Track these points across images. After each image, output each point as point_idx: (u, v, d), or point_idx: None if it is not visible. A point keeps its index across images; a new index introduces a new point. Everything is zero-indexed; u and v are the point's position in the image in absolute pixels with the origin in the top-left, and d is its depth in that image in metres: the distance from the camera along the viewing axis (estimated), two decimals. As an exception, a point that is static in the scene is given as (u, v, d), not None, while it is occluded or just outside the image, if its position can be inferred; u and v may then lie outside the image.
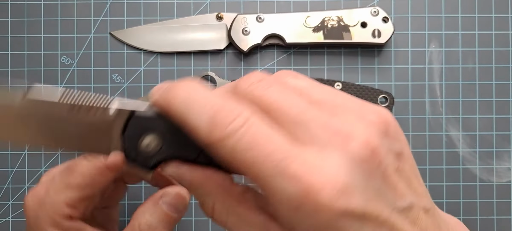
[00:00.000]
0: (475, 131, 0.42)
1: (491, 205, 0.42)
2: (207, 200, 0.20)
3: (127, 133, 0.21)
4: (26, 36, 0.42)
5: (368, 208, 0.16)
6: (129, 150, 0.21)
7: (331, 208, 0.16)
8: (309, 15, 0.41)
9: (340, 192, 0.16)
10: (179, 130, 0.19)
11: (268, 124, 0.17)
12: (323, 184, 0.16)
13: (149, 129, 0.21)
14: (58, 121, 0.22)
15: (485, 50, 0.42)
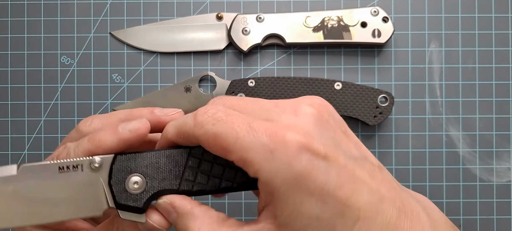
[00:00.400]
0: (475, 131, 0.42)
1: (491, 205, 0.42)
2: (192, 225, 0.23)
3: (113, 179, 0.23)
4: (26, 36, 0.42)
5: (327, 150, 0.21)
6: (119, 194, 0.23)
7: (298, 141, 0.20)
8: (309, 15, 0.41)
9: (301, 133, 0.21)
10: (158, 164, 0.23)
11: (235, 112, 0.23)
12: (287, 127, 0.21)
13: (132, 169, 0.23)
14: (50, 188, 0.23)
15: (485, 50, 0.42)
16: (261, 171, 0.21)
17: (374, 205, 0.21)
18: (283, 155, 0.20)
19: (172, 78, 0.42)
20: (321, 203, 0.21)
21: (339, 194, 0.21)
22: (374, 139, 0.42)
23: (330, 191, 0.21)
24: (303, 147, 0.21)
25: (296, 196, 0.21)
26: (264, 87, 0.40)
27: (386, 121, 0.42)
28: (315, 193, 0.21)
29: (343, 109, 0.40)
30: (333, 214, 0.21)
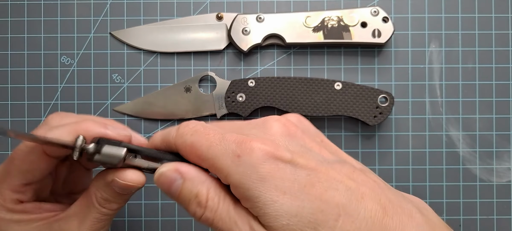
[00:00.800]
0: (475, 131, 0.42)
1: (491, 205, 0.42)
2: (201, 187, 0.24)
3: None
4: (26, 36, 0.42)
5: (294, 156, 0.23)
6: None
7: (263, 149, 0.23)
8: (309, 15, 0.41)
9: (266, 143, 0.23)
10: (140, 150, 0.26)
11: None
12: (254, 138, 0.23)
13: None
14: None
15: (485, 50, 0.42)
16: (230, 175, 0.23)
17: (354, 202, 0.22)
18: (249, 159, 0.23)
19: (172, 78, 0.42)
20: (295, 201, 0.22)
21: (312, 191, 0.22)
22: (374, 139, 0.42)
23: (300, 189, 0.22)
24: (268, 153, 0.23)
25: (268, 195, 0.22)
26: (264, 87, 0.40)
27: (386, 121, 0.42)
28: (286, 192, 0.22)
29: (343, 109, 0.40)
30: (312, 210, 0.22)
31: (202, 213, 0.24)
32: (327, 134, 0.42)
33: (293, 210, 0.22)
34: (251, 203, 0.23)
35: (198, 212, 0.24)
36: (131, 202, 0.41)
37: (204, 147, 0.24)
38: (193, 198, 0.24)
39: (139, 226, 0.41)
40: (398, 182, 0.42)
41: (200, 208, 0.24)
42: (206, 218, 0.24)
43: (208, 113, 0.41)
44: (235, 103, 0.40)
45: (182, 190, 0.24)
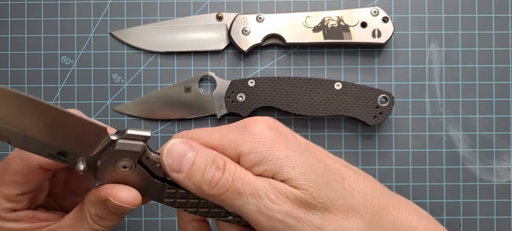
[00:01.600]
0: (475, 131, 0.42)
1: (491, 205, 0.42)
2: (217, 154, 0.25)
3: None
4: (26, 36, 0.42)
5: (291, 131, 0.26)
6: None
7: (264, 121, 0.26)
8: (309, 15, 0.41)
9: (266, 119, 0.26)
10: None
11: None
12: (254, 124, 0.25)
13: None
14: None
15: (485, 50, 0.42)
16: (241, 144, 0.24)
17: (351, 171, 0.25)
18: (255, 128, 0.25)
19: (172, 78, 0.42)
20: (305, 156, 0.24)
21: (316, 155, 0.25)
22: (374, 139, 0.42)
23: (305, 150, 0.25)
24: (269, 124, 0.26)
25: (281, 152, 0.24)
26: (264, 87, 0.40)
27: (386, 121, 0.42)
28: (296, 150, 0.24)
29: (343, 109, 0.40)
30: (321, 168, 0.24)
31: (220, 176, 0.23)
32: (327, 134, 0.42)
33: (306, 162, 0.24)
34: (266, 163, 0.23)
35: (216, 176, 0.23)
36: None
37: (206, 134, 0.25)
38: (210, 164, 0.24)
39: (139, 226, 0.41)
40: (398, 182, 0.42)
41: (219, 171, 0.23)
42: (225, 181, 0.23)
43: (208, 113, 0.41)
44: (235, 103, 0.40)
45: (196, 160, 0.24)
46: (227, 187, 0.23)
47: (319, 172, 0.23)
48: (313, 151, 0.25)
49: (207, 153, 0.24)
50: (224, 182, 0.23)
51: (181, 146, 0.24)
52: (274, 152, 0.23)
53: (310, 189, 0.23)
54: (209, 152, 0.24)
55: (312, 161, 0.24)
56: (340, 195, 0.23)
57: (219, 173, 0.23)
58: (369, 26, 0.41)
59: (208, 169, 0.24)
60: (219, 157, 0.24)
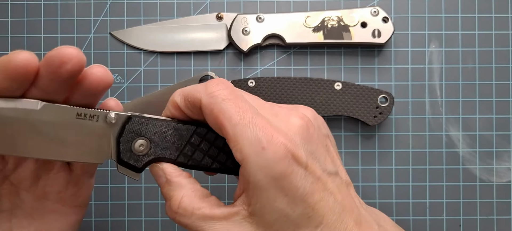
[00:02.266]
0: (475, 131, 0.42)
1: (491, 205, 0.42)
2: (177, 193, 0.25)
3: (123, 137, 0.25)
4: (26, 36, 0.42)
5: (308, 161, 0.24)
6: (124, 152, 0.25)
7: (286, 146, 0.23)
8: (309, 15, 0.41)
9: (290, 141, 0.24)
10: (165, 133, 0.26)
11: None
12: (280, 132, 0.24)
13: (142, 133, 0.25)
14: (66, 128, 0.24)
15: (485, 50, 0.42)
16: (248, 162, 0.23)
17: (336, 214, 0.24)
18: (271, 154, 0.23)
19: (172, 78, 0.42)
20: (292, 204, 0.24)
21: (309, 200, 0.24)
22: (374, 139, 0.42)
23: (302, 195, 0.24)
24: (289, 151, 0.23)
25: (272, 192, 0.23)
26: (264, 88, 0.40)
27: (386, 121, 0.42)
28: (289, 194, 0.23)
29: (343, 109, 0.40)
30: (301, 215, 0.24)
31: (173, 217, 0.25)
32: (327, 134, 0.42)
33: (286, 211, 0.24)
34: (252, 191, 0.24)
35: (169, 214, 0.26)
36: (131, 202, 0.41)
37: (233, 120, 0.24)
38: (167, 200, 0.26)
39: (139, 226, 0.41)
40: (398, 182, 0.42)
41: (173, 209, 0.25)
42: (178, 221, 0.25)
43: (208, 113, 0.41)
44: (235, 103, 0.40)
45: (163, 188, 0.26)
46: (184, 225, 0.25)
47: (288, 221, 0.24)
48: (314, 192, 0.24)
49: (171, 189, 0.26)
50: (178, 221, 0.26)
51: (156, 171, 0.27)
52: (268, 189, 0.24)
53: None
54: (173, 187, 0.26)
55: (294, 208, 0.24)
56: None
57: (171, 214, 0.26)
58: (369, 26, 0.41)
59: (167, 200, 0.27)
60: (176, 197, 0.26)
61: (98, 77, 0.24)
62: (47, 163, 0.28)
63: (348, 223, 0.25)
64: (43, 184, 0.28)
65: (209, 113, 0.24)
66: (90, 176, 0.30)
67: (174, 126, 0.26)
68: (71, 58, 0.22)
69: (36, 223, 0.28)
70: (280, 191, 0.23)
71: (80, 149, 0.25)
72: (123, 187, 0.41)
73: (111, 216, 0.41)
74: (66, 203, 0.29)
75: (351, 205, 0.26)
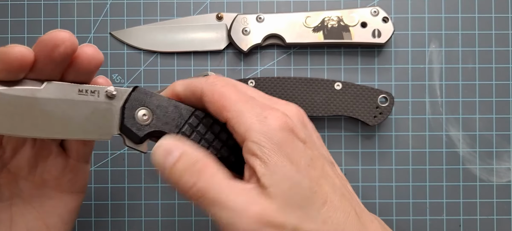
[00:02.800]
0: (475, 131, 0.42)
1: (491, 205, 0.42)
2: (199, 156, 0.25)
3: (128, 104, 0.26)
4: (26, 36, 0.42)
5: (306, 139, 0.25)
6: (127, 119, 0.26)
7: (286, 121, 0.25)
8: (309, 15, 0.41)
9: (288, 118, 0.25)
10: (167, 108, 0.27)
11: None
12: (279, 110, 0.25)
13: (145, 103, 0.26)
14: (70, 104, 0.25)
15: (485, 50, 0.42)
16: (251, 131, 0.24)
17: (338, 197, 0.25)
18: (272, 122, 0.24)
19: (172, 78, 0.42)
20: (299, 172, 0.24)
21: (312, 174, 0.24)
22: (374, 139, 0.42)
23: (305, 166, 0.24)
24: (289, 125, 0.25)
25: (279, 158, 0.24)
26: (264, 87, 0.40)
27: (386, 121, 0.42)
28: (294, 162, 0.24)
29: (343, 109, 0.40)
30: (308, 187, 0.24)
31: (194, 181, 0.24)
32: (327, 134, 0.42)
33: (295, 179, 0.24)
34: (261, 161, 0.24)
35: (190, 181, 0.24)
36: (131, 202, 0.41)
37: (233, 99, 0.25)
38: (191, 166, 0.24)
39: (139, 226, 0.41)
40: (398, 182, 0.42)
41: (193, 177, 0.24)
42: (198, 188, 0.24)
43: (208, 113, 0.41)
44: (235, 103, 0.40)
45: (179, 159, 0.24)
46: (202, 192, 0.24)
47: (301, 191, 0.24)
48: (315, 167, 0.25)
49: (191, 153, 0.25)
50: (196, 190, 0.24)
51: (168, 145, 0.25)
52: (274, 155, 0.24)
53: (281, 207, 0.23)
54: (192, 153, 0.25)
55: (302, 178, 0.24)
56: (312, 218, 0.24)
57: (192, 179, 0.24)
58: (369, 26, 0.41)
59: (187, 171, 0.24)
60: (199, 159, 0.24)
61: (89, 55, 0.25)
62: (44, 149, 0.29)
63: (350, 211, 0.25)
64: (41, 171, 0.29)
65: (210, 97, 0.26)
66: (85, 161, 0.31)
67: (175, 103, 0.27)
68: (63, 41, 0.24)
69: (36, 211, 0.29)
70: (286, 157, 0.24)
71: (86, 126, 0.26)
72: (123, 187, 0.42)
73: (111, 216, 0.41)
74: (64, 190, 0.30)
75: (350, 194, 0.26)
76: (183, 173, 0.24)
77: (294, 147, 0.24)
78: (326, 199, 0.24)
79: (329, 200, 0.24)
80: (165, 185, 0.42)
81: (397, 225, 0.41)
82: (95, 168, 0.42)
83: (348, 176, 0.42)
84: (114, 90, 0.26)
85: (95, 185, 0.41)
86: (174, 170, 0.24)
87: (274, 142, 0.24)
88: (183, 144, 0.25)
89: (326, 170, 0.26)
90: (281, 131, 0.24)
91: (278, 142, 0.24)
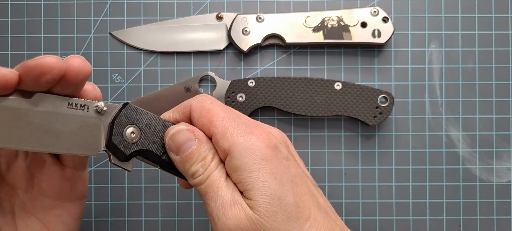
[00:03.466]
0: (475, 131, 0.42)
1: (491, 205, 0.42)
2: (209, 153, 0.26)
3: (117, 121, 0.26)
4: (26, 36, 0.42)
5: (289, 157, 0.27)
6: (115, 135, 0.26)
7: (269, 138, 0.26)
8: (309, 15, 0.41)
9: (272, 136, 0.27)
10: (155, 127, 0.27)
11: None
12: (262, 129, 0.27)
13: (135, 121, 0.26)
14: (58, 117, 0.25)
15: (485, 50, 0.42)
16: (236, 146, 0.25)
17: (322, 214, 0.26)
18: (257, 140, 0.26)
19: (172, 78, 0.42)
20: (282, 188, 0.25)
21: (296, 189, 0.26)
22: (374, 139, 0.42)
23: (289, 181, 0.26)
24: (273, 142, 0.26)
25: (261, 173, 0.25)
26: (264, 87, 0.40)
27: (386, 121, 0.42)
28: (278, 177, 0.25)
29: (343, 109, 0.40)
30: (292, 202, 0.25)
31: (201, 172, 0.26)
32: (327, 133, 0.42)
33: (278, 194, 0.25)
34: (245, 176, 0.25)
35: (200, 171, 0.26)
36: (131, 201, 0.41)
37: (220, 116, 0.26)
38: (201, 159, 0.26)
39: (139, 226, 0.41)
40: (398, 182, 0.42)
41: (202, 168, 0.26)
42: (201, 178, 0.26)
43: (208, 113, 0.41)
44: (235, 103, 0.40)
45: (195, 150, 0.26)
46: (201, 183, 0.26)
47: (285, 207, 0.25)
48: (298, 183, 0.26)
49: (205, 148, 0.26)
50: (200, 179, 0.26)
51: (186, 134, 0.26)
52: (258, 171, 0.25)
53: (263, 218, 0.24)
54: (205, 147, 0.26)
55: (285, 194, 0.25)
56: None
57: (202, 170, 0.26)
58: (369, 26, 0.41)
59: (197, 162, 0.26)
60: (209, 155, 0.26)
61: (76, 68, 0.24)
62: (38, 160, 0.29)
63: (335, 228, 0.26)
64: (38, 181, 0.29)
65: (198, 113, 0.27)
66: (82, 168, 0.31)
67: (163, 122, 0.27)
68: (51, 69, 0.23)
69: (40, 221, 0.29)
70: (269, 172, 0.25)
71: (73, 140, 0.25)
72: (123, 187, 0.42)
73: (111, 216, 0.41)
74: (65, 198, 0.30)
75: (335, 215, 0.28)
76: (197, 161, 0.26)
77: (277, 162, 0.26)
78: (309, 215, 0.25)
79: (312, 217, 0.26)
80: (165, 185, 0.42)
81: (397, 225, 0.41)
82: (95, 168, 0.42)
83: (348, 176, 0.42)
84: (104, 106, 0.26)
85: (95, 185, 0.41)
86: (190, 156, 0.26)
87: (258, 157, 0.25)
88: (199, 132, 0.27)
89: (310, 188, 0.27)
90: (266, 147, 0.26)
91: (262, 158, 0.25)
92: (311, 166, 0.42)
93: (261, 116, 0.42)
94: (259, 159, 0.25)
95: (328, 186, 0.42)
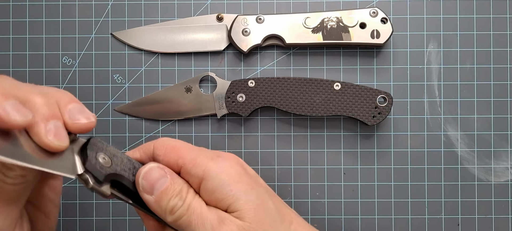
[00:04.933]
0: (473, 131, 0.42)
1: (489, 204, 0.42)
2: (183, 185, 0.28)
3: (89, 146, 0.26)
4: (27, 37, 0.42)
5: (254, 176, 0.30)
6: (90, 158, 0.26)
7: (235, 158, 0.30)
8: (308, 16, 0.41)
9: (237, 158, 0.30)
10: (122, 159, 0.28)
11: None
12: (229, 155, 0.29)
13: (103, 150, 0.27)
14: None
15: (483, 50, 0.42)
16: (209, 170, 0.27)
17: (301, 219, 0.29)
18: (226, 160, 0.28)
19: (173, 79, 0.42)
20: (261, 196, 0.27)
21: (273, 198, 0.28)
22: (373, 139, 0.42)
23: (264, 192, 0.28)
24: (239, 162, 0.29)
25: (239, 186, 0.27)
26: (264, 88, 0.40)
27: (385, 121, 0.42)
28: (254, 188, 0.27)
29: (342, 109, 0.40)
30: (274, 208, 0.27)
31: (180, 205, 0.27)
32: (326, 133, 0.42)
33: (259, 201, 0.27)
34: (225, 191, 0.27)
35: (179, 204, 0.27)
36: (132, 201, 0.42)
37: (186, 149, 0.28)
38: (177, 193, 0.27)
39: (139, 226, 0.42)
40: (396, 182, 0.42)
41: (180, 201, 0.27)
42: (182, 211, 0.26)
43: (209, 113, 0.42)
44: (235, 103, 0.41)
45: (169, 186, 0.27)
46: (182, 216, 0.26)
47: (269, 211, 0.27)
48: (272, 195, 0.29)
49: (176, 183, 0.27)
50: (181, 211, 0.26)
51: (158, 171, 0.27)
52: (235, 185, 0.27)
53: (253, 224, 0.26)
54: (178, 181, 0.28)
55: (266, 200, 0.27)
56: None
57: (180, 202, 0.27)
58: (368, 27, 0.41)
59: (173, 197, 0.27)
60: (184, 188, 0.27)
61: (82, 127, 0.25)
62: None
63: (313, 228, 0.29)
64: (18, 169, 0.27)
65: (163, 150, 0.28)
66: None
67: (127, 157, 0.28)
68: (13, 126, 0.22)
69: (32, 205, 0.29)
70: (246, 184, 0.27)
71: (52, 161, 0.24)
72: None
73: (112, 215, 0.42)
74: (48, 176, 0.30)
75: (311, 227, 0.31)
76: (173, 195, 0.27)
77: (249, 177, 0.28)
78: (291, 219, 0.28)
79: (295, 220, 0.28)
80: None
81: (396, 224, 0.42)
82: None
83: (347, 176, 0.42)
84: (75, 136, 0.26)
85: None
86: (166, 193, 0.27)
87: (232, 173, 0.27)
88: (168, 169, 0.28)
89: (282, 201, 0.29)
90: (236, 164, 0.28)
91: (236, 173, 0.27)
92: (310, 165, 0.42)
93: (261, 116, 0.42)
94: (234, 174, 0.27)
95: (327, 185, 0.42)
